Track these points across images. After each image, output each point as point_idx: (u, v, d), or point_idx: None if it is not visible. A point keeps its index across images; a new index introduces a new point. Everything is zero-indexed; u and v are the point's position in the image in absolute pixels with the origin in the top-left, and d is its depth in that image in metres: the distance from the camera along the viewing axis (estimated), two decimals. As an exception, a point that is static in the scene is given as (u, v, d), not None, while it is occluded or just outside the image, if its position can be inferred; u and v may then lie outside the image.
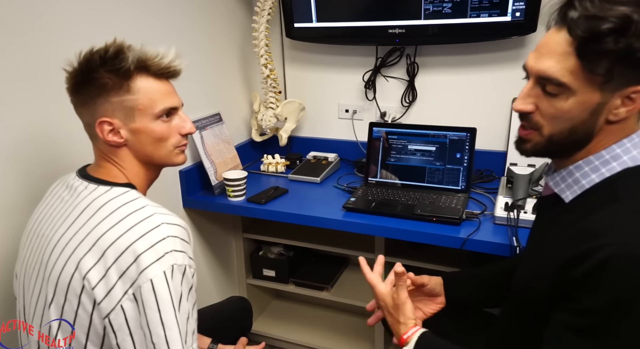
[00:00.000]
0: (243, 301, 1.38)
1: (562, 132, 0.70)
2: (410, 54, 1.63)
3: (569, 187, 0.74)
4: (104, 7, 1.20)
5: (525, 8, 1.34)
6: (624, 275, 0.61)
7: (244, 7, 1.77)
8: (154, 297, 0.72)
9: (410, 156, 1.51)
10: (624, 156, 0.69)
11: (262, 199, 1.45)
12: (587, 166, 0.71)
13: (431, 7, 1.45)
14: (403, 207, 1.35)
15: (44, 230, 0.85)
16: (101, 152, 0.87)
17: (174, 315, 0.73)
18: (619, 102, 0.67)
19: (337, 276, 1.80)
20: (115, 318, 0.73)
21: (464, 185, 1.43)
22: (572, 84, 0.66)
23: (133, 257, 0.73)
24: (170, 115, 0.87)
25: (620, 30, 0.61)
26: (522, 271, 0.82)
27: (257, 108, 1.74)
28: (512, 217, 1.18)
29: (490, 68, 1.55)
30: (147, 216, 0.77)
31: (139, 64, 0.81)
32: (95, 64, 0.79)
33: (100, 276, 0.74)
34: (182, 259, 0.75)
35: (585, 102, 0.67)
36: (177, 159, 0.90)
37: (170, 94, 0.86)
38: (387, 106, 1.72)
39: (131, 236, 0.74)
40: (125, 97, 0.81)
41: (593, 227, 0.66)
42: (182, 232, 0.78)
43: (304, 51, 1.80)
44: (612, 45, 0.61)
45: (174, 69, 0.86)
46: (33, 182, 1.07)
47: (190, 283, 0.78)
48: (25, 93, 1.04)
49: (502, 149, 1.56)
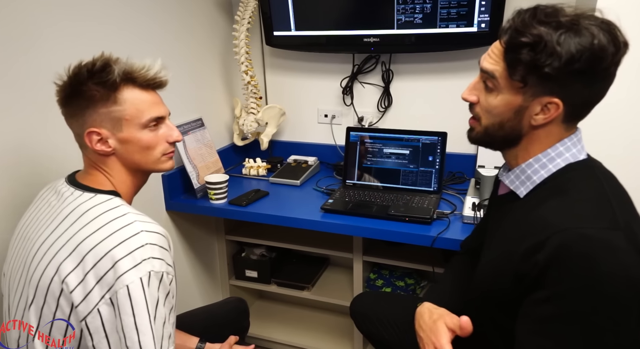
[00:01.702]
0: (240, 303, 1.39)
1: (494, 125, 0.81)
2: (385, 62, 1.70)
3: (522, 184, 0.82)
4: (88, 15, 1.24)
5: (489, 20, 1.43)
6: (580, 256, 0.67)
7: (225, 15, 1.82)
8: (129, 302, 0.74)
9: (385, 159, 1.57)
10: (566, 154, 0.79)
11: (243, 202, 1.50)
12: (537, 163, 0.80)
13: (403, 17, 1.52)
14: (378, 208, 1.41)
15: (30, 233, 0.88)
16: (90, 160, 0.90)
17: (149, 320, 0.75)
18: (539, 109, 0.76)
19: (317, 275, 1.85)
20: (91, 321, 0.76)
21: (436, 186, 1.51)
22: (501, 82, 0.77)
23: (111, 263, 0.75)
24: (158, 124, 0.90)
25: (533, 45, 0.71)
26: (483, 270, 0.87)
27: (238, 113, 1.79)
28: (479, 216, 1.25)
29: (460, 75, 1.63)
30: (128, 223, 0.79)
31: (125, 76, 0.85)
32: (83, 77, 0.83)
33: (78, 280, 0.76)
34: (160, 266, 0.78)
35: (510, 102, 0.78)
36: (164, 165, 0.94)
37: (156, 104, 0.90)
38: (364, 111, 1.79)
39: (110, 242, 0.77)
40: (112, 108, 0.84)
41: (544, 216, 0.73)
42: (161, 239, 0.81)
43: (283, 58, 1.85)
44: (526, 57, 0.72)
45: (160, 80, 0.90)
46: (23, 185, 1.10)
47: (167, 289, 0.79)
48: (14, 102, 1.07)
49: (473, 152, 1.64)
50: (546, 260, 0.69)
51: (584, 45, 0.69)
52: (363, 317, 1.24)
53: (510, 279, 0.76)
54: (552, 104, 0.74)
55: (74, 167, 0.97)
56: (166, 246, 0.82)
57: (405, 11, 1.51)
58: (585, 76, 0.72)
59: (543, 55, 0.70)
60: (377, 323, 1.18)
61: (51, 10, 1.14)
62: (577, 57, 0.69)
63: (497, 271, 0.80)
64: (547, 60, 0.70)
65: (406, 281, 1.71)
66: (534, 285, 0.72)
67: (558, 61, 0.70)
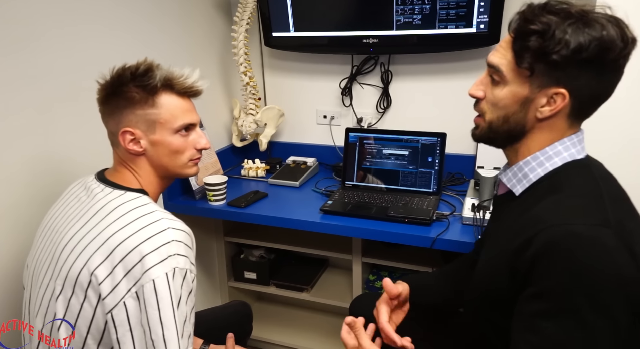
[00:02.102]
0: (244, 306, 1.40)
1: (499, 118, 0.80)
2: (384, 63, 1.70)
3: (519, 182, 0.82)
4: (85, 16, 1.24)
5: (488, 21, 1.43)
6: (566, 251, 0.67)
7: (224, 16, 1.82)
8: (155, 296, 0.77)
9: (384, 160, 1.57)
10: (564, 153, 0.78)
11: (242, 203, 1.50)
12: (534, 161, 0.80)
13: (402, 18, 1.52)
14: (377, 209, 1.41)
15: (59, 226, 0.90)
16: (120, 158, 0.93)
17: (172, 315, 0.77)
18: (544, 101, 0.76)
19: (316, 277, 1.85)
20: (117, 314, 0.78)
21: (435, 187, 1.51)
22: (507, 74, 0.77)
23: (139, 257, 0.78)
24: (188, 130, 0.94)
25: (542, 32, 0.71)
26: (480, 269, 0.87)
27: (237, 114, 1.79)
28: (478, 217, 1.25)
29: (459, 76, 1.63)
30: (155, 220, 0.82)
31: (165, 82, 0.89)
32: (126, 79, 0.87)
33: (107, 273, 0.79)
34: (184, 263, 0.81)
35: (516, 93, 0.77)
36: (190, 170, 0.98)
37: (190, 112, 0.94)
38: (363, 112, 1.79)
39: (138, 237, 0.79)
40: (149, 111, 0.88)
41: (537, 214, 0.73)
42: (186, 237, 0.83)
43: (282, 59, 1.85)
44: (534, 44, 0.72)
45: (196, 89, 0.94)
46: (43, 184, 1.14)
47: (190, 287, 0.83)
48: (44, 102, 1.11)
49: (472, 153, 1.64)
50: (533, 256, 0.69)
51: (593, 35, 0.69)
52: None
53: (506, 277, 0.76)
54: (558, 95, 0.74)
55: (100, 163, 1.00)
56: (190, 244, 0.85)
57: (405, 12, 1.51)
58: (593, 67, 0.71)
59: (552, 42, 0.70)
60: (377, 325, 1.18)
61: (50, 12, 1.13)
62: (586, 46, 0.69)
63: (494, 270, 0.80)
64: (556, 48, 0.70)
65: (405, 282, 1.71)
66: (524, 282, 0.72)
67: (566, 49, 0.70)
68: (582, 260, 0.66)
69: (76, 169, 1.19)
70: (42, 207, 1.04)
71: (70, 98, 1.20)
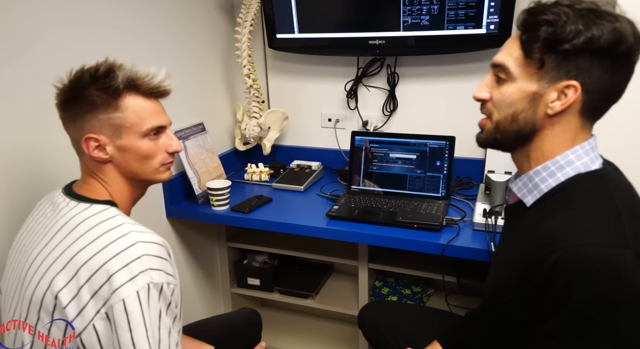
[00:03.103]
0: (254, 314, 1.37)
1: (506, 118, 0.77)
2: (390, 65, 1.66)
3: (529, 192, 0.78)
4: (88, 17, 1.21)
5: (499, 21, 1.40)
6: (576, 273, 0.64)
7: (227, 18, 1.79)
8: (125, 317, 0.71)
9: (391, 164, 1.54)
10: (576, 162, 0.74)
11: (246, 208, 1.46)
12: (545, 171, 0.76)
13: (410, 19, 1.49)
14: (385, 214, 1.37)
15: (25, 246, 0.85)
16: (87, 167, 0.87)
17: (145, 336, 0.72)
18: (555, 96, 0.72)
19: (321, 283, 1.81)
20: (86, 337, 0.73)
21: (444, 192, 1.47)
22: (513, 70, 0.74)
23: (106, 276, 0.72)
24: (158, 133, 0.88)
25: (553, 22, 0.69)
26: (491, 281, 0.84)
27: (240, 117, 1.75)
28: (490, 223, 1.21)
29: (467, 78, 1.59)
30: (123, 234, 0.76)
31: (129, 83, 0.83)
32: (85, 82, 0.81)
33: (72, 296, 0.73)
34: (159, 278, 0.75)
35: (524, 89, 0.74)
36: (162, 176, 0.91)
37: (158, 113, 0.87)
38: (368, 115, 1.75)
39: (105, 254, 0.74)
40: (113, 115, 0.82)
41: (548, 233, 0.70)
42: (159, 249, 0.78)
43: (286, 61, 1.82)
44: (544, 33, 0.70)
45: (164, 89, 0.88)
46: (16, 196, 1.07)
47: (169, 299, 0.77)
48: (9, 106, 1.04)
49: (481, 156, 1.61)
50: (545, 277, 0.66)
51: (606, 26, 0.67)
52: (372, 327, 1.20)
53: (515, 293, 0.73)
54: (570, 88, 0.71)
55: (76, 175, 0.93)
56: (164, 255, 0.79)
57: (412, 13, 1.47)
58: (605, 60, 0.69)
59: (564, 30, 0.68)
60: (387, 335, 1.14)
61: (51, 12, 1.10)
62: (598, 36, 0.67)
63: (504, 283, 0.77)
64: (568, 36, 0.68)
65: (412, 289, 1.67)
66: (536, 300, 0.69)
67: (578, 38, 0.67)
68: (596, 283, 0.63)
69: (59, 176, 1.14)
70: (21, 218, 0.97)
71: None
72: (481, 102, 0.81)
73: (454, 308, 1.43)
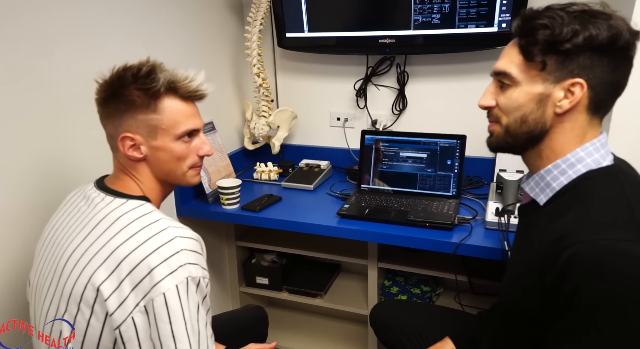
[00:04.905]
0: (259, 310, 1.38)
1: (516, 120, 0.77)
2: (400, 63, 1.66)
3: (542, 191, 0.78)
4: (99, 16, 1.21)
5: (511, 19, 1.39)
6: (590, 268, 0.64)
7: (236, 17, 1.79)
8: (166, 310, 0.73)
9: (402, 163, 1.53)
10: (587, 159, 0.75)
11: (257, 207, 1.46)
12: (556, 169, 0.77)
13: (420, 17, 1.48)
14: (396, 213, 1.37)
15: (60, 239, 0.86)
16: (120, 164, 0.88)
17: (185, 328, 0.74)
18: (562, 94, 0.73)
19: (330, 282, 1.81)
20: (125, 330, 0.74)
21: (454, 191, 1.46)
22: (517, 75, 0.76)
23: (147, 270, 0.74)
24: (192, 136, 0.89)
25: (549, 25, 0.71)
26: (506, 281, 0.84)
27: (249, 116, 1.75)
28: (503, 222, 1.21)
29: (478, 77, 1.59)
30: (161, 229, 0.78)
31: (169, 85, 0.83)
32: (127, 81, 0.81)
33: (113, 288, 0.75)
34: (196, 272, 0.77)
35: (530, 91, 0.75)
36: (192, 180, 0.92)
37: (193, 116, 0.88)
38: (378, 114, 1.75)
39: (145, 249, 0.75)
40: (150, 116, 0.83)
41: (561, 229, 0.70)
42: (195, 245, 0.80)
43: (295, 60, 1.82)
44: (542, 36, 0.71)
45: (201, 93, 0.89)
46: (49, 188, 1.10)
47: (205, 292, 0.80)
48: (34, 104, 1.05)
49: (491, 155, 1.60)
50: (561, 272, 0.66)
51: (601, 24, 0.69)
52: (384, 326, 1.20)
53: (531, 293, 0.73)
54: (575, 86, 0.72)
55: (100, 170, 0.95)
56: (200, 250, 0.81)
57: (423, 11, 1.47)
58: (605, 56, 0.71)
59: (562, 31, 0.70)
60: (400, 334, 1.14)
61: (64, 9, 1.10)
62: (595, 33, 0.69)
63: (520, 283, 0.77)
64: (567, 36, 0.70)
65: (422, 288, 1.66)
66: (553, 297, 0.69)
67: (577, 37, 0.69)
68: (611, 277, 0.63)
69: (83, 174, 1.15)
70: (47, 209, 1.00)
71: (82, 101, 1.16)
72: (487, 109, 0.81)
73: (465, 307, 1.42)
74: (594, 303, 0.64)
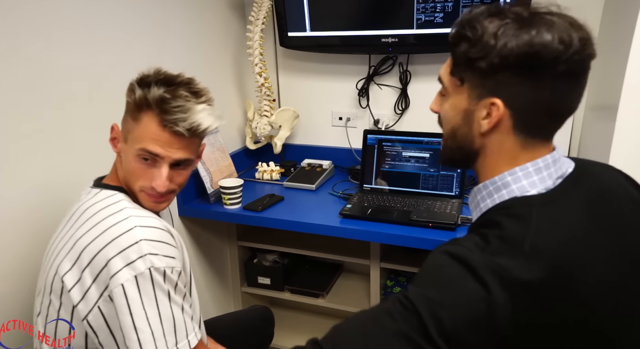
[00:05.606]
0: (265, 310, 1.38)
1: (448, 134, 0.73)
2: (402, 63, 1.66)
3: (475, 208, 0.73)
4: (100, 15, 1.21)
5: (514, 18, 1.38)
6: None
7: (238, 16, 1.79)
8: (125, 301, 0.73)
9: (404, 162, 1.53)
10: (513, 185, 0.67)
11: (259, 207, 1.46)
12: (485, 190, 0.70)
13: (423, 17, 1.48)
14: (399, 213, 1.36)
15: (55, 239, 0.88)
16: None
17: (145, 318, 0.73)
18: (485, 113, 0.67)
19: (332, 282, 1.80)
20: (93, 320, 0.75)
21: (457, 191, 1.46)
22: (447, 85, 0.71)
23: (104, 262, 0.74)
24: (154, 162, 0.83)
25: (470, 38, 0.64)
26: None
27: (251, 116, 1.75)
28: (506, 222, 1.20)
29: (481, 76, 1.58)
30: (121, 219, 0.78)
31: (157, 103, 0.80)
32: (134, 86, 0.83)
33: (75, 279, 0.76)
34: (159, 262, 0.76)
35: (456, 106, 0.70)
36: (145, 203, 0.85)
37: (166, 145, 0.81)
38: (380, 114, 1.74)
39: (103, 239, 0.76)
40: (130, 121, 0.85)
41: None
42: (158, 234, 0.78)
43: (297, 60, 1.81)
44: (461, 50, 0.65)
45: (181, 131, 0.81)
46: (49, 188, 1.09)
47: (175, 281, 0.78)
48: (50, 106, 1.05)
49: (494, 155, 1.59)
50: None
51: (524, 38, 0.61)
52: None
53: None
54: (494, 106, 0.65)
55: (99, 170, 0.96)
56: (166, 239, 0.79)
57: (426, 10, 1.46)
58: (524, 75, 0.63)
59: (477, 48, 0.63)
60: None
61: (64, 16, 1.10)
62: (512, 51, 0.61)
63: None
64: (480, 54, 0.63)
65: (424, 288, 1.66)
66: None
67: (490, 56, 0.62)
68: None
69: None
70: (48, 209, 1.00)
71: (87, 104, 1.16)
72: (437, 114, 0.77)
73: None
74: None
